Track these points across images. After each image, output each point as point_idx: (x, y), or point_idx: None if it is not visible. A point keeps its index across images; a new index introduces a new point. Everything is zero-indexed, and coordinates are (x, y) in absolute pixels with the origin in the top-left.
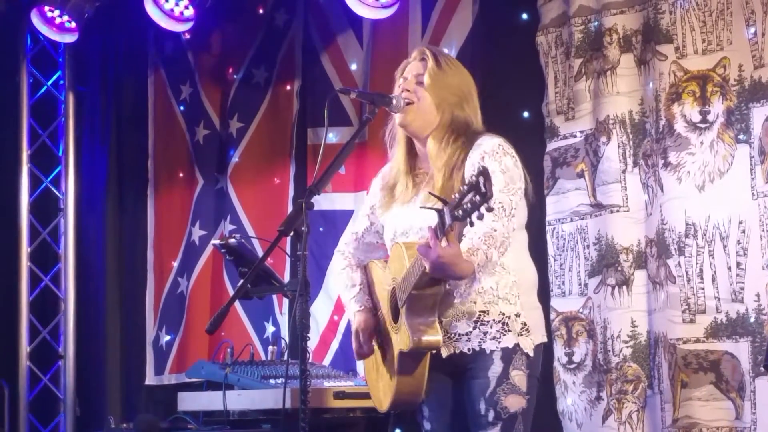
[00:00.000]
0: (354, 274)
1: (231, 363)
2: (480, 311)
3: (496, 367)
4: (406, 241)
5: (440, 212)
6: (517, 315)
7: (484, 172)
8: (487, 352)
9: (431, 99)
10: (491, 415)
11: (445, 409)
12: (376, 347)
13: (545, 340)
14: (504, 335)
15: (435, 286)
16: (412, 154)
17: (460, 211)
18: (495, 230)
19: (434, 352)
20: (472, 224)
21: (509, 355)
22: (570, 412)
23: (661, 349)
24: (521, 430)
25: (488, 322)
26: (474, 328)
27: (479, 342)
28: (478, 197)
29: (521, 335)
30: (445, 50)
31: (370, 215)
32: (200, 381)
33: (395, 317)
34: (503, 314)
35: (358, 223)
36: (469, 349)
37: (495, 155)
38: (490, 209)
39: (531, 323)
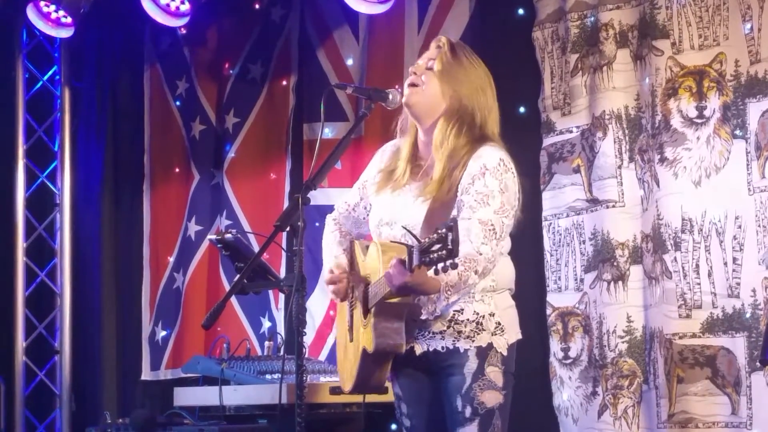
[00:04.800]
0: (342, 239)
1: (227, 358)
2: (454, 311)
3: (471, 364)
4: (383, 242)
5: (410, 250)
6: (491, 314)
7: (453, 228)
8: (461, 350)
9: (438, 85)
10: (468, 411)
11: (423, 404)
12: (346, 327)
13: (520, 337)
14: (478, 334)
15: (405, 296)
16: (416, 144)
17: (427, 258)
18: (480, 254)
19: (404, 351)
20: (437, 272)
21: (484, 352)
22: (566, 407)
23: (656, 345)
24: (499, 426)
25: (462, 321)
26: (448, 327)
27: (453, 341)
28: (444, 252)
29: (495, 334)
30: None
31: (362, 189)
32: (196, 376)
33: (365, 313)
34: (477, 314)
35: (351, 195)
36: (443, 348)
37: (496, 172)
38: (454, 266)
39: (505, 322)
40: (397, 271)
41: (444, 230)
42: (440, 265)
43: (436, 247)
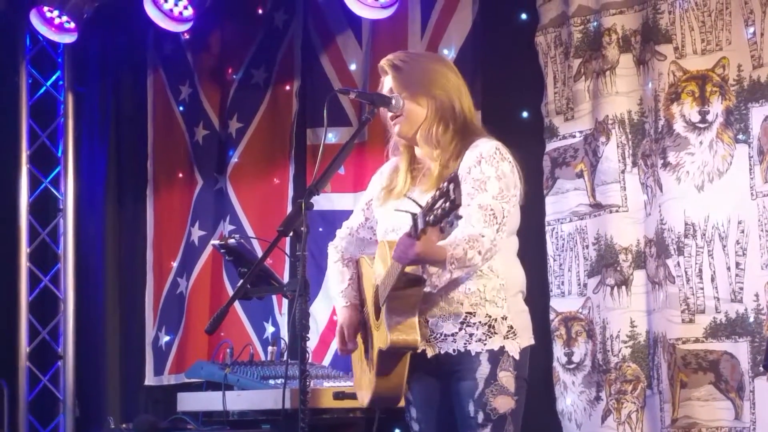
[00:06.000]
0: (344, 269)
1: (230, 363)
2: (466, 313)
3: (483, 369)
4: (390, 240)
5: (414, 216)
6: (504, 318)
7: (454, 179)
8: (473, 354)
9: (413, 105)
10: (481, 416)
11: (433, 409)
12: (360, 343)
13: (532, 342)
14: (490, 337)
15: (415, 287)
16: (413, 157)
17: (432, 217)
18: (483, 236)
19: (418, 352)
20: (442, 231)
21: (496, 356)
22: (569, 412)
23: (660, 349)
24: (511, 431)
25: (474, 324)
26: (460, 330)
27: (465, 343)
28: (447, 204)
29: (507, 338)
30: (445, 51)
31: (365, 210)
32: (200, 381)
33: (377, 314)
34: (489, 316)
35: (353, 217)
36: (454, 350)
37: (492, 160)
38: (459, 217)
39: (518, 326)
40: (406, 244)
41: (445, 183)
42: (446, 221)
43: (440, 202)
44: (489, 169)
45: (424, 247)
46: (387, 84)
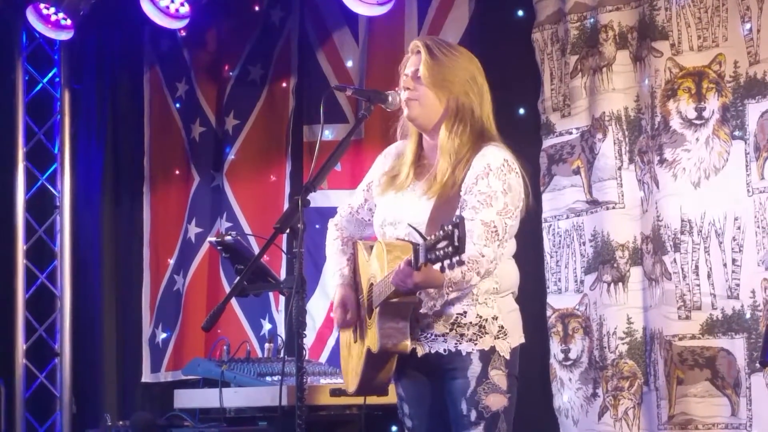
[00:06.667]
0: (344, 247)
1: (227, 360)
2: (457, 313)
3: (474, 367)
4: (388, 242)
5: (416, 248)
6: (495, 318)
7: (460, 225)
8: (464, 353)
9: (431, 92)
10: (473, 415)
11: (425, 406)
12: (350, 330)
13: (523, 341)
14: (481, 338)
15: (410, 295)
16: (420, 145)
17: (433, 255)
18: (483, 255)
19: (408, 352)
20: (443, 270)
21: (487, 356)
22: (566, 408)
23: (657, 346)
24: (504, 429)
25: (465, 324)
26: (451, 330)
27: (455, 343)
28: (450, 249)
29: (498, 338)
30: None
31: (366, 192)
32: (197, 378)
33: (370, 313)
34: (480, 317)
35: (355, 197)
36: (445, 350)
37: (500, 173)
38: (461, 263)
39: (508, 326)
40: (405, 273)
41: (450, 227)
42: (446, 262)
43: (443, 244)
44: (496, 183)
45: (424, 277)
46: (414, 63)
